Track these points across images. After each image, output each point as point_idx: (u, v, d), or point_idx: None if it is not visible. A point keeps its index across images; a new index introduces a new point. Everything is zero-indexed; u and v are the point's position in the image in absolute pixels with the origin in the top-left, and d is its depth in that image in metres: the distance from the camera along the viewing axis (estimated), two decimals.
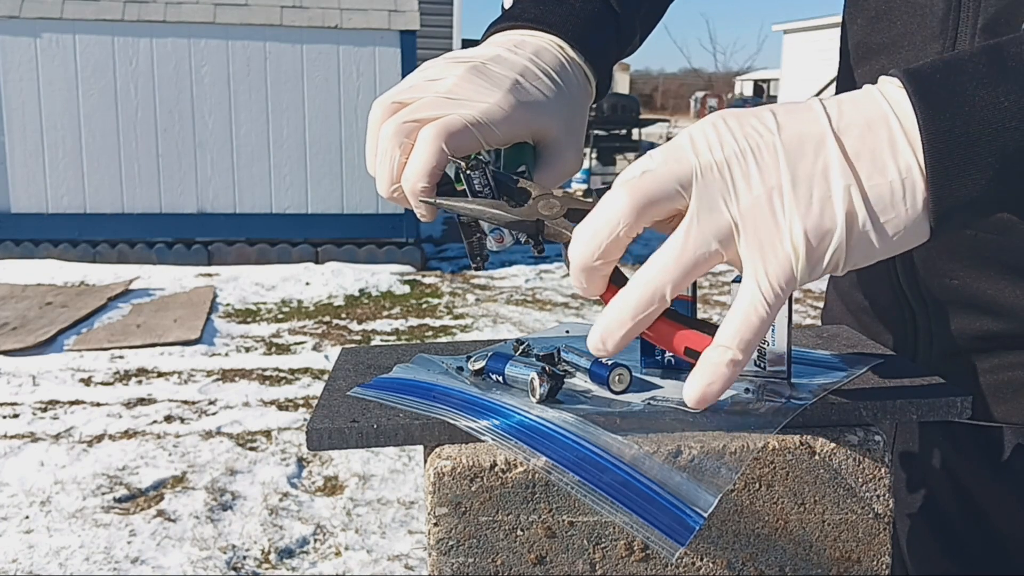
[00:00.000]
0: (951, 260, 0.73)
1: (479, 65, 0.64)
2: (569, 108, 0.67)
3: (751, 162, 0.48)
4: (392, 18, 7.29)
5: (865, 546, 0.58)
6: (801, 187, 0.47)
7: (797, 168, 0.48)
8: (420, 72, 0.65)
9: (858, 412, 0.58)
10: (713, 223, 0.48)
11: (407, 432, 0.58)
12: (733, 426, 0.57)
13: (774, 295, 0.48)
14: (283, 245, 7.38)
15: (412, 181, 0.61)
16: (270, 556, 2.95)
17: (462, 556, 0.56)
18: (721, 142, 0.49)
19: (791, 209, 0.47)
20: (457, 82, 0.62)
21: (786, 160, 0.48)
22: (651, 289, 0.49)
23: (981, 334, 0.74)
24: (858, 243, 0.48)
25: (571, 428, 0.56)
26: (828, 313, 0.95)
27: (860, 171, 0.48)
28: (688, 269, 0.49)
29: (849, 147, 0.48)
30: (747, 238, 0.48)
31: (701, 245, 0.48)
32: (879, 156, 0.48)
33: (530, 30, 0.69)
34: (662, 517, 0.51)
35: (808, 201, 0.47)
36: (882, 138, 0.48)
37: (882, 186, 0.48)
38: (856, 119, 0.49)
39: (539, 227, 0.59)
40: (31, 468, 3.55)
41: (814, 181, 0.48)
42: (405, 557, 2.96)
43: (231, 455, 3.69)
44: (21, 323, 5.37)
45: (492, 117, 0.61)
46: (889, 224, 0.48)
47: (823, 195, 0.47)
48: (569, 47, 0.69)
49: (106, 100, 7.06)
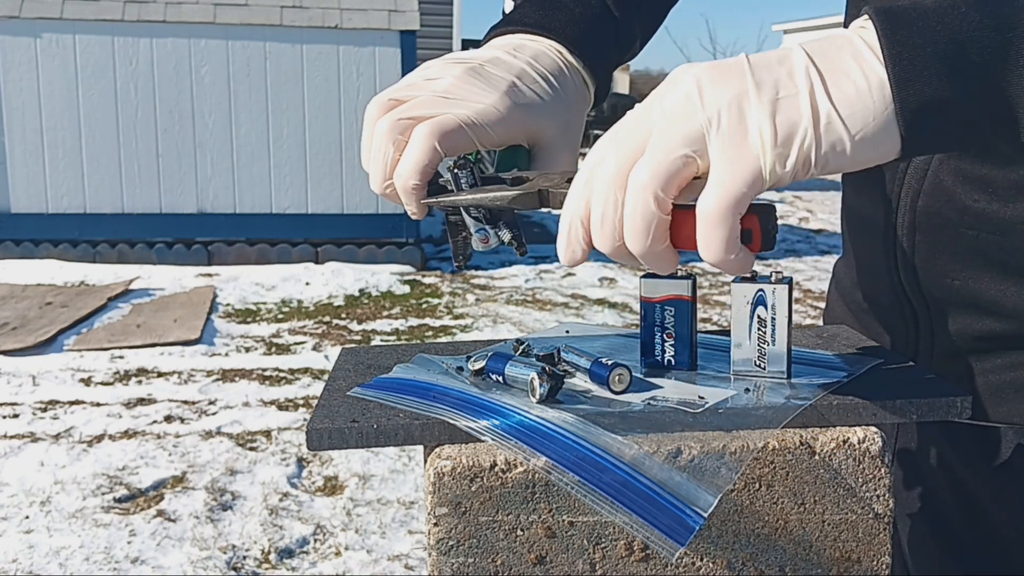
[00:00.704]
0: (952, 260, 0.73)
1: (477, 66, 0.64)
2: (565, 112, 0.68)
3: (718, 75, 0.50)
4: (392, 18, 7.29)
5: (865, 546, 0.58)
6: (766, 89, 0.49)
7: (762, 74, 0.50)
8: (419, 71, 0.66)
9: (858, 412, 0.58)
10: (681, 128, 0.50)
11: (407, 432, 0.58)
12: (733, 426, 0.57)
13: (738, 193, 0.49)
14: (283, 245, 7.38)
15: (404, 178, 0.61)
16: (270, 556, 2.95)
17: (462, 556, 0.56)
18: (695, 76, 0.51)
19: (756, 107, 0.49)
20: (454, 82, 0.63)
21: (751, 71, 0.50)
22: (639, 205, 0.50)
23: (982, 334, 0.74)
24: (827, 137, 0.49)
25: (571, 428, 0.56)
26: (830, 313, 0.95)
27: (825, 75, 0.50)
28: (665, 178, 0.50)
29: (815, 57, 0.50)
30: (714, 140, 0.49)
31: (672, 151, 0.49)
32: (844, 64, 0.50)
33: (530, 34, 0.70)
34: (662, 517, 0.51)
35: (773, 99, 0.49)
36: (847, 52, 0.51)
37: (847, 85, 0.50)
38: (823, 43, 0.52)
39: (542, 197, 0.59)
40: (31, 468, 3.55)
41: (780, 83, 0.50)
42: (405, 557, 2.96)
43: (231, 455, 3.69)
44: (21, 323, 5.37)
45: (487, 118, 0.62)
46: (856, 119, 0.49)
47: (789, 93, 0.49)
48: (568, 52, 0.70)
49: (106, 100, 7.06)
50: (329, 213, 7.40)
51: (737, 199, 0.49)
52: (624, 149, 0.51)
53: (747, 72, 0.50)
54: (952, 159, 0.72)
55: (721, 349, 0.69)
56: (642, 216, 0.50)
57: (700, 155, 0.50)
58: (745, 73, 0.50)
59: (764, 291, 0.61)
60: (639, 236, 0.51)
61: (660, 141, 0.50)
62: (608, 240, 0.52)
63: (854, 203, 0.86)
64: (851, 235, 0.88)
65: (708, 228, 0.49)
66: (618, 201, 0.51)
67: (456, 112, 0.61)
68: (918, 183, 0.74)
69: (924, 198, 0.74)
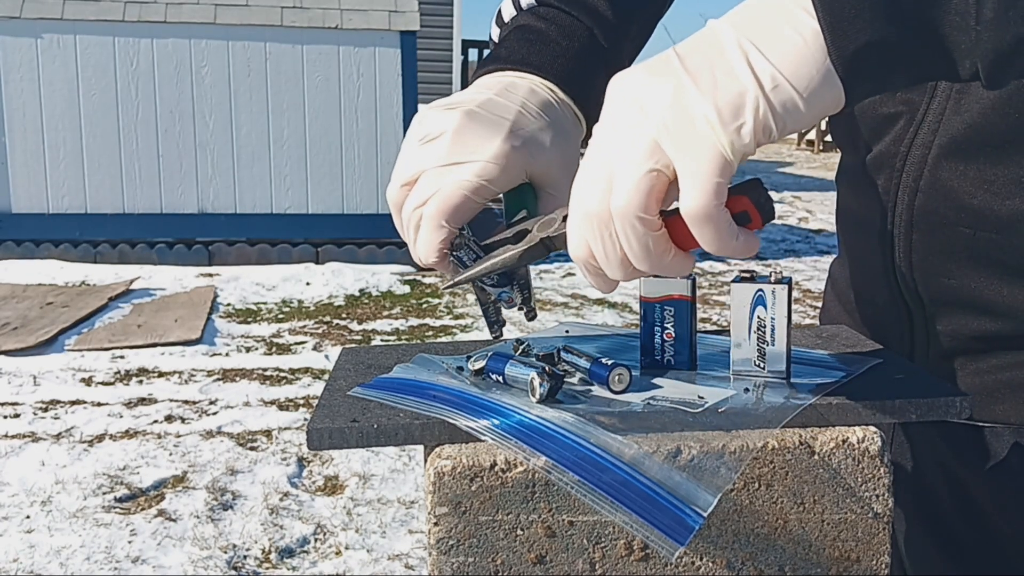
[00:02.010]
0: (948, 259, 0.74)
1: (473, 111, 0.65)
2: (564, 147, 0.68)
3: (652, 79, 0.50)
4: (392, 18, 7.29)
5: (864, 545, 0.58)
6: (702, 75, 0.49)
7: (694, 61, 0.49)
8: (417, 131, 0.66)
9: (857, 412, 0.59)
10: (635, 144, 0.50)
11: (407, 432, 0.58)
12: (733, 426, 0.57)
13: (711, 186, 0.49)
14: (283, 245, 7.38)
15: (424, 259, 0.65)
16: (271, 555, 2.95)
17: (462, 555, 0.56)
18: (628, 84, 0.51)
19: (696, 97, 0.49)
20: (452, 140, 0.64)
21: (682, 63, 0.50)
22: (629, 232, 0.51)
23: (978, 334, 0.74)
24: (777, 98, 0.48)
25: (571, 428, 0.56)
26: (826, 313, 0.95)
27: (757, 41, 0.49)
28: (641, 200, 0.50)
29: (743, 27, 0.50)
30: (668, 145, 0.49)
31: (636, 171, 0.50)
32: (774, 24, 0.49)
33: (518, 72, 0.70)
34: (662, 517, 0.52)
35: (712, 82, 0.49)
36: (774, 11, 0.50)
37: (782, 45, 0.49)
38: (747, 10, 0.50)
39: (548, 245, 0.60)
40: (32, 468, 3.55)
41: (713, 64, 0.49)
42: (405, 556, 2.96)
43: (232, 455, 3.69)
44: (22, 323, 5.37)
45: (489, 174, 0.63)
46: (801, 74, 0.49)
47: (725, 70, 0.49)
48: (558, 88, 0.70)
49: (107, 100, 7.06)
50: (329, 213, 7.40)
51: (711, 192, 0.49)
52: (596, 182, 0.52)
53: (678, 67, 0.50)
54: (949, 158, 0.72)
55: (721, 349, 0.69)
56: (637, 241, 0.51)
57: (664, 164, 0.50)
58: (677, 69, 0.50)
59: (763, 291, 0.62)
60: (643, 258, 0.52)
61: (622, 165, 0.50)
62: (620, 271, 0.53)
63: (850, 204, 0.86)
64: (847, 236, 0.88)
65: (698, 227, 0.50)
66: (611, 235, 0.52)
67: (459, 182, 0.63)
68: (915, 181, 0.74)
69: (921, 196, 0.74)
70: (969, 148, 0.70)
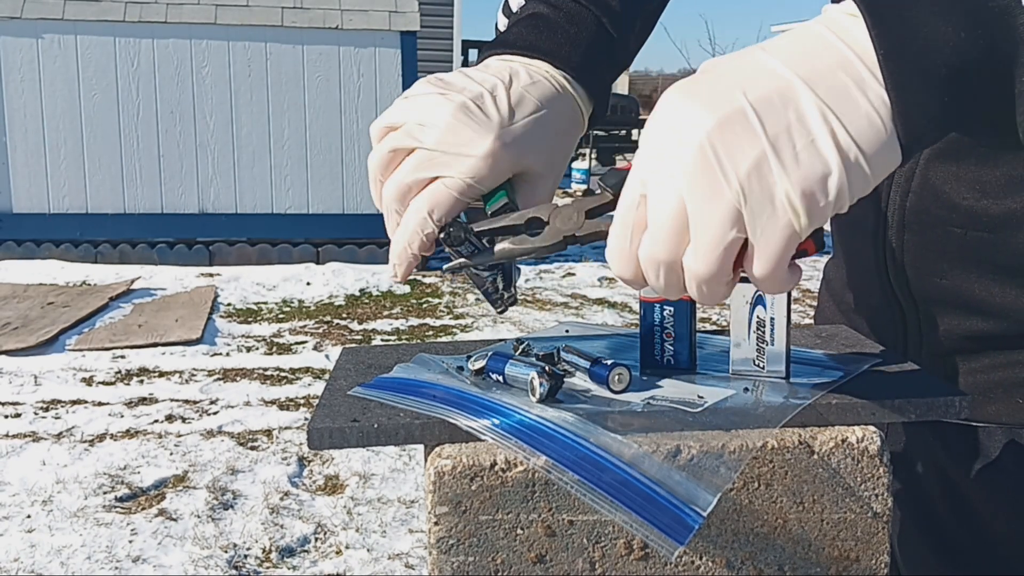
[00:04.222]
0: (941, 259, 0.74)
1: (467, 105, 0.63)
2: (555, 142, 0.67)
3: (731, 139, 0.48)
4: (392, 19, 7.29)
5: (864, 545, 0.58)
6: (783, 147, 0.47)
7: (774, 127, 0.47)
8: (409, 107, 0.65)
9: (856, 411, 0.59)
10: (717, 210, 0.48)
11: (407, 431, 0.58)
12: (732, 425, 0.57)
13: (782, 258, 0.48)
14: (284, 245, 7.38)
15: (400, 251, 0.64)
16: (271, 555, 2.95)
17: (462, 555, 0.56)
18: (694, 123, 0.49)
19: (779, 174, 0.47)
20: (444, 133, 0.62)
21: (762, 126, 0.47)
22: (714, 295, 0.50)
23: (971, 334, 0.74)
24: (854, 177, 0.48)
25: (571, 427, 0.56)
26: (820, 314, 0.96)
27: (837, 111, 0.47)
28: (722, 265, 0.49)
29: (819, 89, 0.48)
30: (747, 216, 0.48)
31: (719, 239, 0.48)
32: (848, 90, 0.48)
33: (525, 57, 0.69)
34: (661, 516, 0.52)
35: (793, 156, 0.47)
36: (844, 73, 0.48)
37: (860, 119, 0.47)
38: (814, 63, 0.48)
39: (569, 240, 0.59)
40: (33, 467, 3.55)
41: (794, 133, 0.47)
42: (406, 556, 2.96)
43: (232, 454, 3.69)
44: (23, 323, 5.37)
45: (478, 175, 0.62)
46: (873, 149, 0.48)
47: (806, 143, 0.47)
48: (564, 76, 0.69)
49: (107, 101, 7.06)
50: (330, 213, 7.40)
51: (782, 263, 0.49)
52: (666, 230, 0.50)
53: (759, 131, 0.47)
54: (941, 159, 0.72)
55: (720, 349, 0.69)
56: (709, 293, 0.50)
57: (742, 230, 0.49)
58: (758, 133, 0.47)
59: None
60: (708, 300, 0.51)
61: (702, 228, 0.48)
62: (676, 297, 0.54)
63: None
64: (840, 236, 0.88)
65: (766, 285, 0.50)
66: (678, 279, 0.51)
67: (448, 181, 0.62)
68: (907, 182, 0.74)
69: (913, 197, 0.74)
70: (960, 149, 0.70)
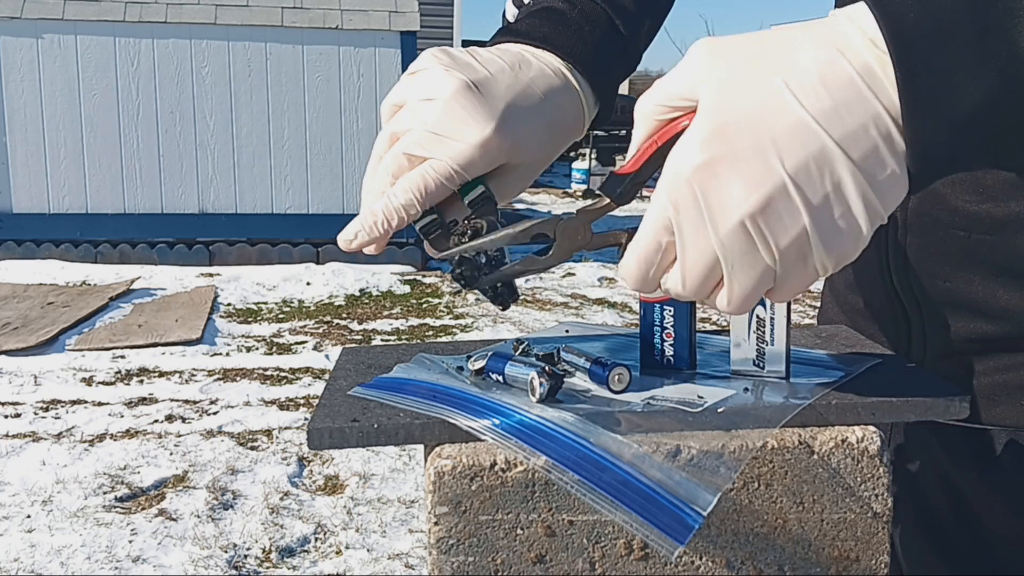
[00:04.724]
0: (942, 262, 0.73)
1: (469, 87, 0.62)
2: (552, 138, 0.66)
3: (772, 216, 0.48)
4: (392, 19, 7.29)
5: (864, 545, 0.58)
6: (822, 219, 0.48)
7: (813, 198, 0.48)
8: (413, 83, 0.64)
9: (856, 411, 0.59)
10: (751, 271, 0.50)
11: (407, 431, 0.58)
12: (732, 425, 0.57)
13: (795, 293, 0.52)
14: (284, 245, 7.38)
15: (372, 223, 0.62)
16: (271, 555, 2.95)
17: (462, 555, 0.56)
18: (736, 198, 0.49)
19: (817, 246, 0.49)
20: (444, 113, 0.62)
21: (803, 200, 0.48)
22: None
23: (974, 336, 0.74)
24: (873, 222, 0.49)
25: (571, 427, 0.56)
26: (823, 315, 0.95)
27: (865, 169, 0.48)
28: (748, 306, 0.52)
29: (850, 150, 0.48)
30: (780, 273, 0.50)
31: (754, 290, 0.51)
32: (880, 155, 0.48)
33: (538, 49, 0.68)
34: (661, 516, 0.52)
35: (831, 228, 0.48)
36: (873, 130, 0.48)
37: (888, 179, 0.48)
38: (844, 117, 0.48)
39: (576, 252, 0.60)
40: (33, 467, 3.55)
41: (832, 203, 0.48)
42: (405, 556, 2.96)
43: (232, 454, 3.69)
44: (23, 323, 5.37)
45: (468, 162, 0.61)
46: (888, 196, 0.49)
47: (844, 211, 0.48)
48: (573, 72, 0.68)
49: (107, 101, 7.06)
50: (330, 213, 7.40)
51: (797, 292, 0.52)
52: (699, 283, 0.52)
53: (800, 208, 0.48)
54: None
55: (720, 349, 0.69)
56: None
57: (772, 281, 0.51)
58: (799, 210, 0.48)
59: None
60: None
61: (737, 286, 0.51)
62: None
63: None
64: None
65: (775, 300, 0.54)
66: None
67: (435, 162, 0.61)
68: None
69: (915, 199, 0.74)
70: None
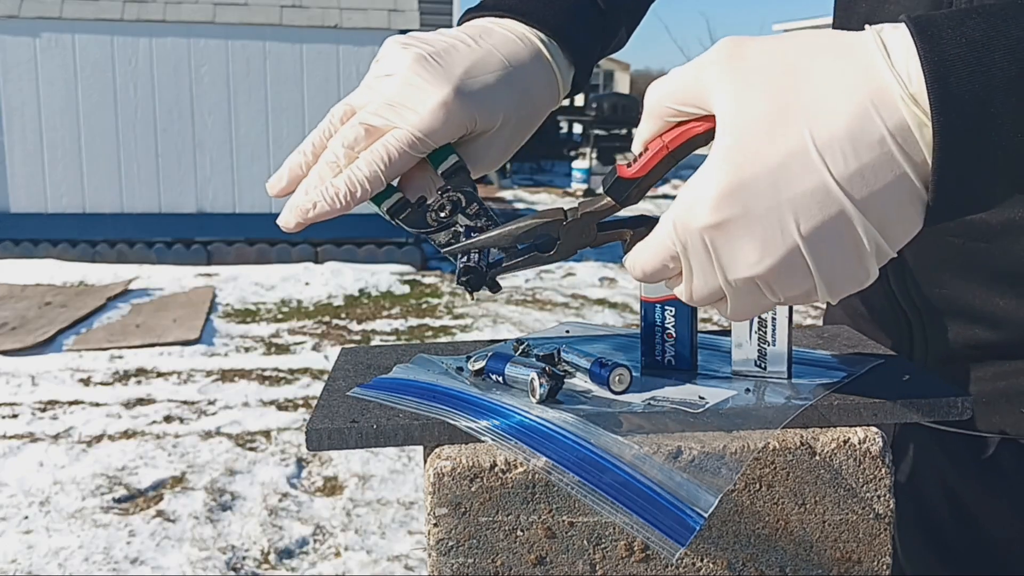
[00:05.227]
0: (940, 269, 0.73)
1: (425, 58, 0.63)
2: (519, 101, 0.66)
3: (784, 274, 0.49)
4: (392, 18, 7.29)
5: (866, 546, 0.58)
6: (832, 274, 0.49)
7: (825, 259, 0.48)
8: (376, 65, 0.65)
9: (859, 412, 0.58)
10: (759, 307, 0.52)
11: (407, 432, 0.58)
12: (733, 426, 0.57)
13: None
14: (282, 245, 7.38)
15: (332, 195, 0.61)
16: (269, 556, 2.95)
17: (462, 556, 0.56)
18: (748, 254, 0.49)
19: (823, 293, 0.50)
20: (402, 84, 0.62)
21: (817, 271, 0.49)
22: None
23: (973, 343, 0.73)
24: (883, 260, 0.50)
25: (571, 428, 0.56)
26: (829, 318, 0.96)
27: (885, 232, 0.48)
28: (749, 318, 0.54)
29: (870, 214, 0.47)
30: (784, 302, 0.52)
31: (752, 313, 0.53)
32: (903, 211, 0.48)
33: (507, 19, 0.68)
34: (662, 517, 0.51)
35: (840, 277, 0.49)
36: (902, 192, 0.47)
37: (905, 228, 0.49)
38: (868, 177, 0.47)
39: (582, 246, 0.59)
40: (30, 468, 3.55)
41: (845, 259, 0.48)
42: (405, 558, 2.96)
43: (230, 455, 3.69)
44: (20, 323, 5.36)
45: (430, 128, 0.62)
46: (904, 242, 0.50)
47: (854, 261, 0.49)
48: (539, 37, 0.68)
49: (105, 100, 7.06)
50: None
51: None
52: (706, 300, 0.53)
53: (812, 271, 0.48)
54: None
55: (721, 349, 0.69)
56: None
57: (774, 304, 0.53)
58: (810, 273, 0.49)
59: None
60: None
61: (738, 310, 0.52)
62: None
63: None
64: None
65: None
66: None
67: (397, 131, 0.61)
68: None
69: None
70: None
